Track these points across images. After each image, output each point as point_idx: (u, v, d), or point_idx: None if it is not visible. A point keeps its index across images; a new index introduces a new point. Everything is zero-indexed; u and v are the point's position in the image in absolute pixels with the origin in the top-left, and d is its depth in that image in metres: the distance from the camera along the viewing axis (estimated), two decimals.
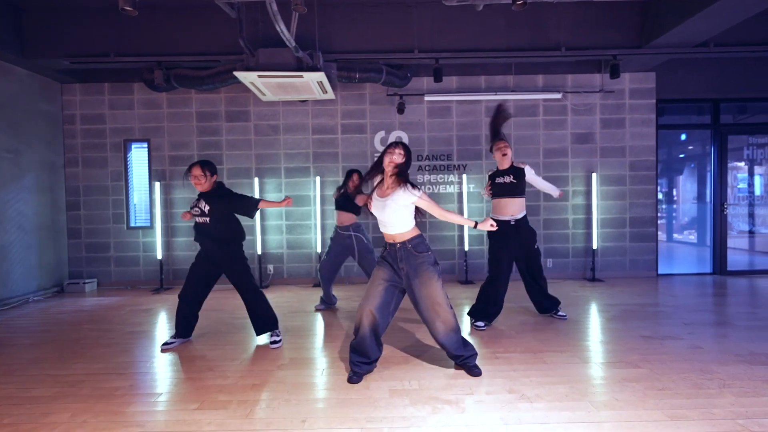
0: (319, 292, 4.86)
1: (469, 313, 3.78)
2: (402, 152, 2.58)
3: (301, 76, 4.43)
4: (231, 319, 4.03)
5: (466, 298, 4.73)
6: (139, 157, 5.85)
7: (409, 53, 4.87)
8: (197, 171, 3.19)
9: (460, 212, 5.76)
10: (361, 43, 4.88)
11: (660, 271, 5.94)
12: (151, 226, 5.79)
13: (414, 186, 2.56)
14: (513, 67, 5.61)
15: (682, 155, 10.25)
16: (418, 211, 2.65)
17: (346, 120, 5.79)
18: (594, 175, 5.74)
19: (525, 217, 3.72)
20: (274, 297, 5.02)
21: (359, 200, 4.25)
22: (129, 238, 5.80)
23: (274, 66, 4.38)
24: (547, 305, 3.90)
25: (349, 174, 4.35)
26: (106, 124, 5.76)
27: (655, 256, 5.88)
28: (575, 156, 5.82)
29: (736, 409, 2.16)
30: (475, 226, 2.64)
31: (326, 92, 5.03)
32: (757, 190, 6.64)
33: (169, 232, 5.78)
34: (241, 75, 4.43)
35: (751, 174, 7.03)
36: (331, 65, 4.78)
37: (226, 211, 3.27)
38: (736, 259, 6.35)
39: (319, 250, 5.71)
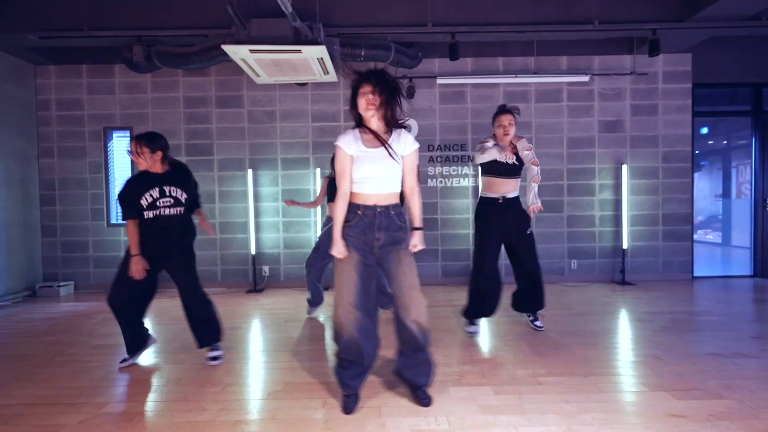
0: None
1: (463, 314, 3.26)
2: (376, 89, 1.97)
3: (299, 51, 3.87)
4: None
5: None
6: (120, 146, 5.28)
7: (422, 27, 4.30)
8: (140, 147, 2.53)
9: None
10: (367, 15, 4.31)
11: (694, 274, 5.38)
12: None
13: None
14: (535, 47, 5.05)
15: (696, 151, 9.69)
16: None
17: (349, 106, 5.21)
18: (624, 167, 5.18)
19: (518, 197, 3.14)
20: (269, 302, 4.47)
21: None
22: (109, 236, 5.24)
23: (269, 39, 3.82)
24: (528, 305, 3.30)
25: None
26: (84, 110, 5.20)
27: (691, 257, 5.32)
28: (603, 146, 5.26)
29: None
30: None
31: (328, 73, 4.47)
32: None
33: None
34: (230, 50, 3.87)
35: None
36: (334, 41, 4.22)
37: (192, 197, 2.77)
38: None
39: None
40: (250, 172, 5.14)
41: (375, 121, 2.05)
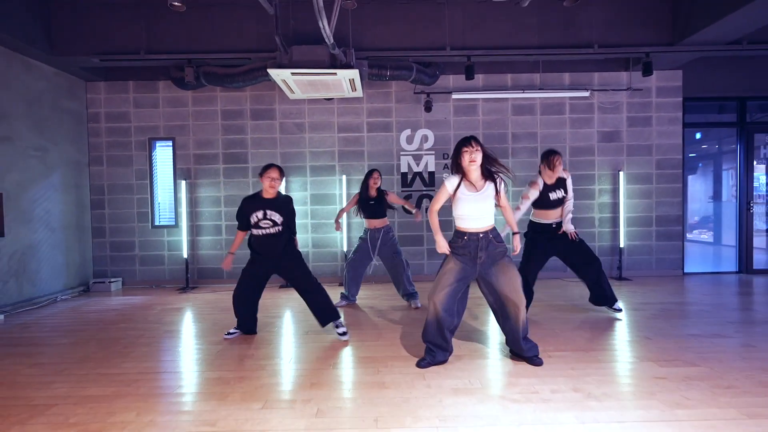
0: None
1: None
2: (479, 148, 2.66)
3: (334, 74, 4.40)
4: (265, 318, 4.00)
5: None
6: (163, 155, 5.82)
7: (441, 51, 4.84)
8: (275, 173, 3.29)
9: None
10: (392, 40, 4.85)
11: (684, 270, 5.92)
12: (176, 225, 5.76)
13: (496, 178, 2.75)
14: (540, 65, 5.59)
15: (692, 154, 10.24)
16: None
17: (372, 118, 5.76)
18: (621, 173, 5.72)
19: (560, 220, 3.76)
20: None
21: (393, 199, 4.25)
22: (154, 236, 5.78)
23: (309, 63, 4.35)
24: (606, 298, 3.82)
25: (369, 174, 4.27)
26: (131, 122, 5.73)
27: (682, 255, 5.86)
28: (602, 154, 5.80)
29: None
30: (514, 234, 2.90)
31: (356, 90, 5.00)
32: None
33: (194, 230, 5.75)
34: (274, 73, 4.39)
35: None
36: (363, 63, 4.75)
37: (288, 220, 3.38)
38: (757, 258, 6.33)
39: (345, 249, 5.68)
40: (282, 179, 5.66)
41: (475, 172, 2.68)
